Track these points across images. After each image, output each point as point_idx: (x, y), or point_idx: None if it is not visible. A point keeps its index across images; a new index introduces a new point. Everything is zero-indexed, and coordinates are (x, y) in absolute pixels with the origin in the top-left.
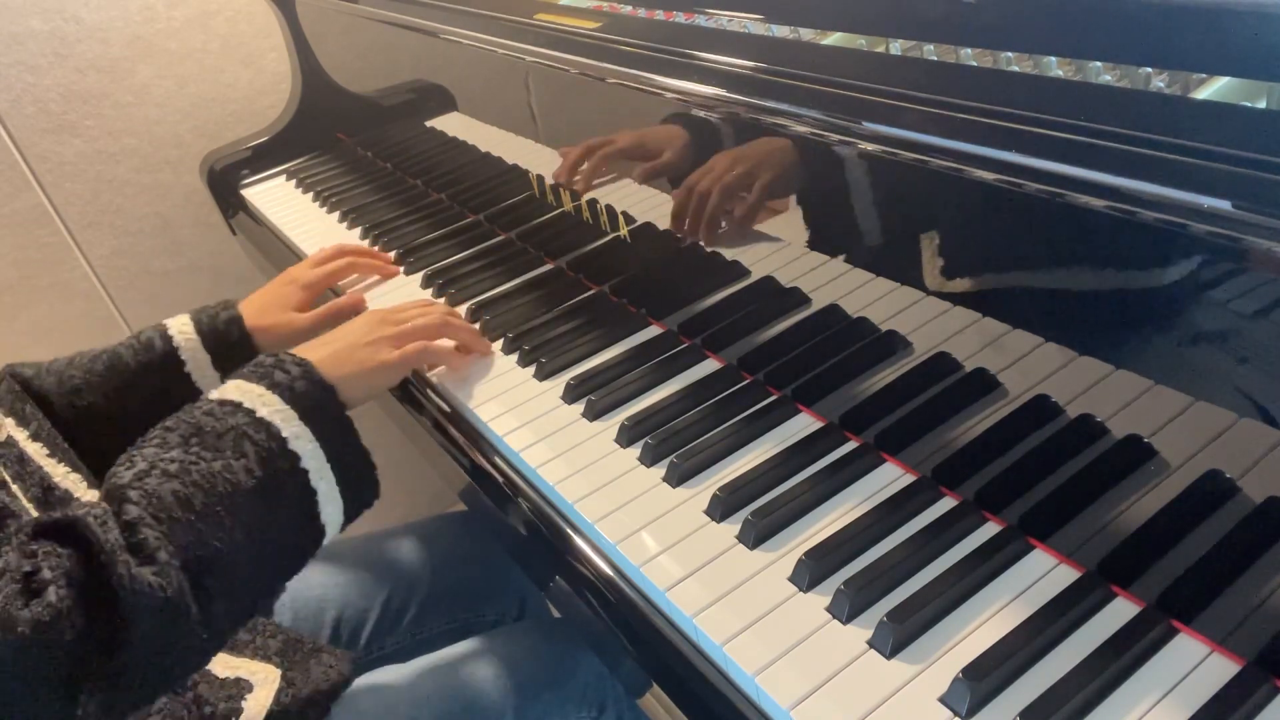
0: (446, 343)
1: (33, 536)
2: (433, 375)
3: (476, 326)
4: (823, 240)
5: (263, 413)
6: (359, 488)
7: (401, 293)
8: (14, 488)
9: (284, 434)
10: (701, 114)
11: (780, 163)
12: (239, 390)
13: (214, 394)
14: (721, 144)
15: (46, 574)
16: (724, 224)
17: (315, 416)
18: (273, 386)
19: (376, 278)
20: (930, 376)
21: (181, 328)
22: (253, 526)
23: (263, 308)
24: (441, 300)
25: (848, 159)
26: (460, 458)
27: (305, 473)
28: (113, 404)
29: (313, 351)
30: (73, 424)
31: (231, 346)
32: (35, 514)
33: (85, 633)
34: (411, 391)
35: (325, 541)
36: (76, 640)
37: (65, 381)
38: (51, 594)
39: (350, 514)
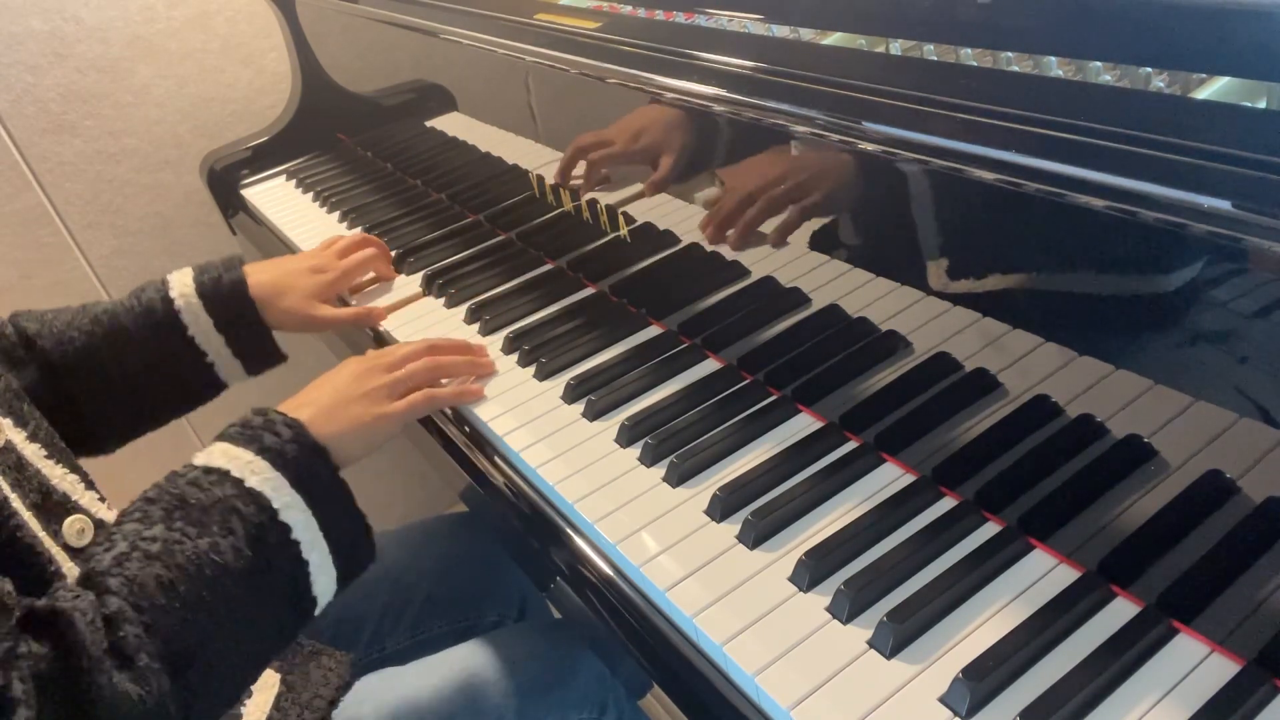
0: (449, 388)
1: (22, 628)
2: None
3: (476, 328)
4: (823, 240)
5: (252, 482)
6: (353, 555)
7: (402, 295)
8: (13, 499)
9: (275, 505)
10: (693, 114)
11: (789, 167)
12: (225, 456)
13: (199, 459)
14: (718, 144)
15: (17, 689)
16: (751, 235)
17: (308, 483)
18: (262, 451)
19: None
20: (930, 376)
21: (183, 290)
22: (241, 609)
23: (281, 287)
24: (441, 301)
25: (847, 159)
26: (460, 458)
27: (297, 544)
28: (112, 365)
29: (303, 409)
30: (72, 383)
31: (235, 310)
32: (35, 523)
33: None
34: None
35: (315, 614)
36: None
37: (65, 342)
38: (20, 716)
39: (343, 583)
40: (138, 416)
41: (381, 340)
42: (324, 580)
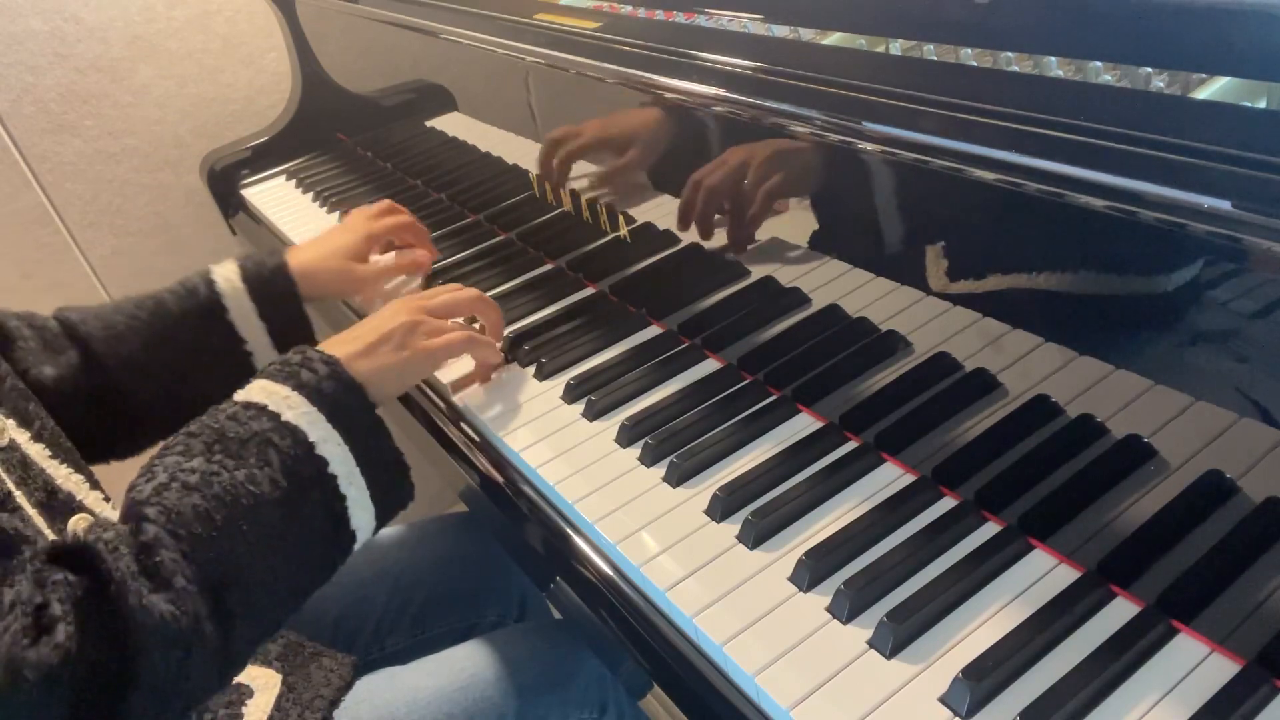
0: (487, 338)
1: (48, 561)
2: (440, 375)
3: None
4: (823, 240)
5: (288, 416)
6: (391, 490)
7: (404, 290)
8: (18, 495)
9: (311, 438)
10: (694, 113)
11: (782, 164)
12: (264, 392)
13: (239, 395)
14: (720, 144)
15: (56, 609)
16: (728, 227)
17: (343, 418)
18: (299, 387)
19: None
20: (930, 376)
21: (227, 275)
22: (278, 538)
23: (319, 255)
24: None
25: (847, 159)
26: (460, 458)
27: (334, 478)
28: (153, 351)
29: (340, 347)
30: (115, 370)
31: (278, 295)
32: (40, 520)
33: (95, 670)
34: (411, 392)
35: (356, 547)
36: (85, 679)
37: (110, 327)
38: (60, 632)
39: (382, 518)
40: (173, 403)
41: None
42: (362, 515)
